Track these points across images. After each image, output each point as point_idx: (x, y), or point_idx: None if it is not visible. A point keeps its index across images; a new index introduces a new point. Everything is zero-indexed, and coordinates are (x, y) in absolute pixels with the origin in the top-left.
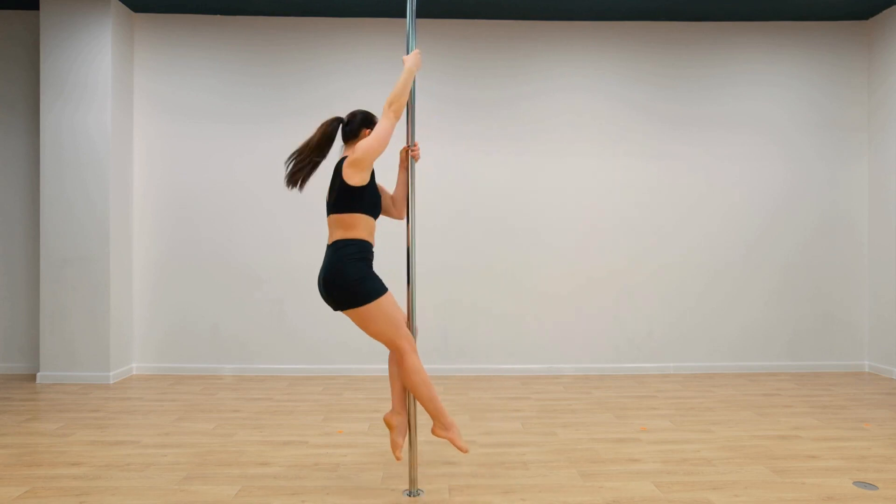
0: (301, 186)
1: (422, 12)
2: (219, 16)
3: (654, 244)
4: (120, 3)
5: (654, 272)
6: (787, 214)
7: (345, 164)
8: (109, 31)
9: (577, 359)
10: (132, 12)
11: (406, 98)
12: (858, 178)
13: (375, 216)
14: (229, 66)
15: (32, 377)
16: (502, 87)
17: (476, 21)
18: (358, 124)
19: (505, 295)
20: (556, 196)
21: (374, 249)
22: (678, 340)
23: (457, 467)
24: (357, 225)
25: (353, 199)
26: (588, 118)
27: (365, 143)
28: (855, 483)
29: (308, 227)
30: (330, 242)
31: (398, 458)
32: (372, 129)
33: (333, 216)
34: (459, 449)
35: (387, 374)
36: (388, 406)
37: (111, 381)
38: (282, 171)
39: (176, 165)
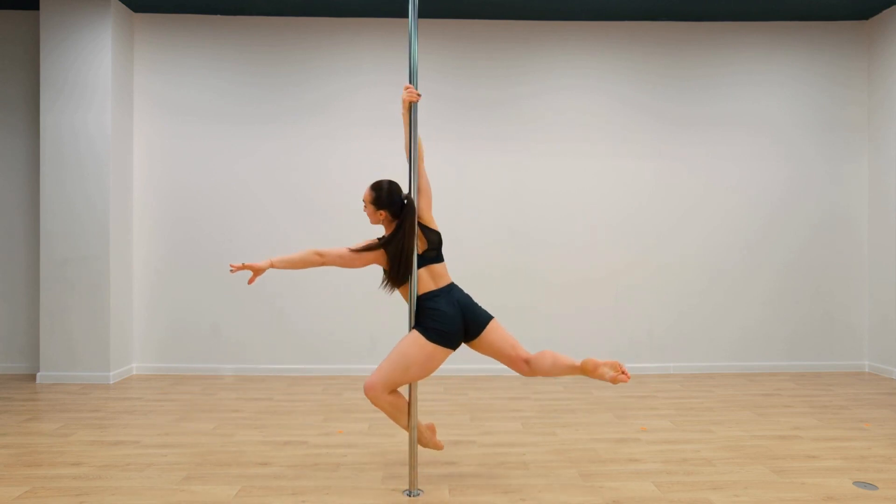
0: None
1: (422, 12)
2: (219, 16)
3: (654, 244)
4: (120, 3)
5: (654, 272)
6: (787, 214)
7: (429, 217)
8: (109, 31)
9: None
10: (132, 12)
11: (406, 134)
12: (858, 178)
13: None
14: (229, 66)
15: (32, 377)
16: (502, 87)
17: (476, 21)
18: (385, 196)
19: (504, 294)
20: (556, 196)
21: None
22: (678, 340)
23: (457, 467)
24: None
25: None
26: (588, 118)
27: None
28: (855, 483)
29: (308, 227)
30: (447, 284)
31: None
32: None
33: (443, 263)
34: None
35: None
36: None
37: (111, 381)
38: (281, 171)
39: (176, 165)
